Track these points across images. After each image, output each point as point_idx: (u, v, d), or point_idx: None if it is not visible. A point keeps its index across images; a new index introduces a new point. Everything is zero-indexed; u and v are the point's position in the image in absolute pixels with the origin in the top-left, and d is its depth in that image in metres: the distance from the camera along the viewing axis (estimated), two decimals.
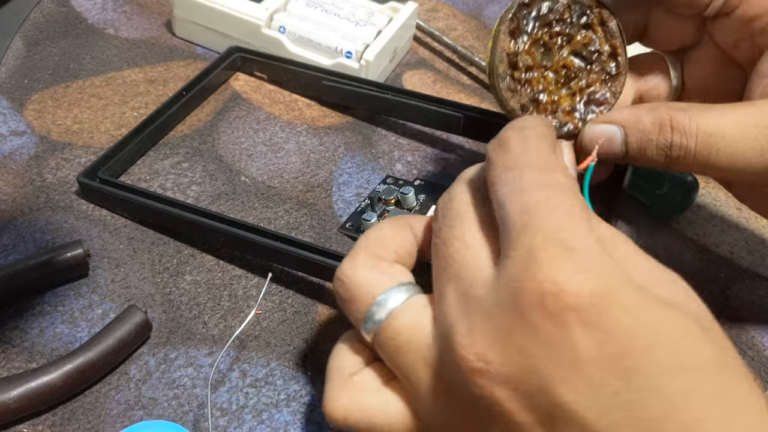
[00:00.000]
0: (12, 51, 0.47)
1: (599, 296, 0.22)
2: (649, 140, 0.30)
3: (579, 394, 0.22)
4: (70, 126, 0.43)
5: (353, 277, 0.27)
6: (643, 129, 0.30)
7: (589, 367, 0.22)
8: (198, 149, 0.43)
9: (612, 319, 0.22)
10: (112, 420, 0.30)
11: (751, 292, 0.39)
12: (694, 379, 0.22)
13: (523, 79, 0.32)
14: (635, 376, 0.21)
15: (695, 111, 0.29)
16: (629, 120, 0.30)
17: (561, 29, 0.32)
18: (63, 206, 0.38)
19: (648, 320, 0.22)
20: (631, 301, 0.22)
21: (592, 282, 0.22)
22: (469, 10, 0.57)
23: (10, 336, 0.32)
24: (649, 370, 0.21)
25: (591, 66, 0.32)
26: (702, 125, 0.29)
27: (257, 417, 0.31)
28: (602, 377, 0.21)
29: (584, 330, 0.22)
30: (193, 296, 0.35)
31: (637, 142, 0.30)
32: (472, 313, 0.23)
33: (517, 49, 0.31)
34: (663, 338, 0.22)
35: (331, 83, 0.45)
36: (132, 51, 0.49)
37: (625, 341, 0.22)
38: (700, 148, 0.29)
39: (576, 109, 0.32)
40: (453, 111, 0.42)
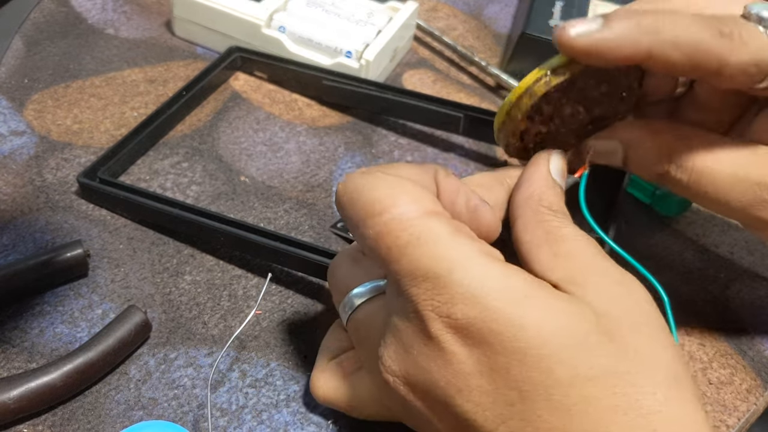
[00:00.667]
0: (12, 51, 0.47)
1: (480, 316, 0.22)
2: (647, 164, 0.30)
3: (476, 404, 0.22)
4: (70, 126, 0.43)
5: (337, 269, 0.29)
6: (643, 154, 0.30)
7: (479, 379, 0.22)
8: (198, 149, 0.43)
9: (494, 335, 0.22)
10: (112, 420, 0.30)
11: (751, 292, 0.39)
12: (594, 389, 0.22)
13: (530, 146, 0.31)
14: (527, 387, 0.22)
15: (697, 142, 0.29)
16: (632, 141, 0.30)
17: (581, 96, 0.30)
18: (63, 206, 0.38)
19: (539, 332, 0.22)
20: (519, 313, 0.22)
21: (474, 303, 0.22)
22: (469, 10, 0.57)
23: (10, 336, 0.32)
24: (540, 380, 0.22)
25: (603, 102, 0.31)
26: (698, 165, 0.29)
27: (257, 417, 0.31)
28: (493, 388, 0.22)
29: (470, 347, 0.22)
30: (193, 296, 0.35)
31: (635, 164, 0.31)
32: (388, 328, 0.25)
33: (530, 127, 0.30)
34: (557, 349, 0.22)
35: (331, 83, 0.45)
36: (132, 51, 0.49)
37: (513, 353, 0.22)
38: (691, 185, 0.29)
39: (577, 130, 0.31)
40: (453, 111, 0.42)
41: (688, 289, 0.38)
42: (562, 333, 0.22)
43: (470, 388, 0.23)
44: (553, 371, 0.22)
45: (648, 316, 0.24)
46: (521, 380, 0.22)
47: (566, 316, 0.23)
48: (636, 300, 0.24)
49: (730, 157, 0.29)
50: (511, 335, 0.22)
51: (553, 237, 0.25)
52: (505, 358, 0.22)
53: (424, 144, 0.45)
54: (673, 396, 0.22)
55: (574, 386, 0.21)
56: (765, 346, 0.36)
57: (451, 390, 0.23)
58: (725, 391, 0.34)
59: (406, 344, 0.24)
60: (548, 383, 0.22)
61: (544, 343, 0.22)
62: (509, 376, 0.22)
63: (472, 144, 0.46)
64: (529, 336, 0.22)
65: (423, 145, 0.45)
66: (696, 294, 0.38)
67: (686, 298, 0.38)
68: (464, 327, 0.22)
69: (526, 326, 0.22)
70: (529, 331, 0.22)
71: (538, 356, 0.22)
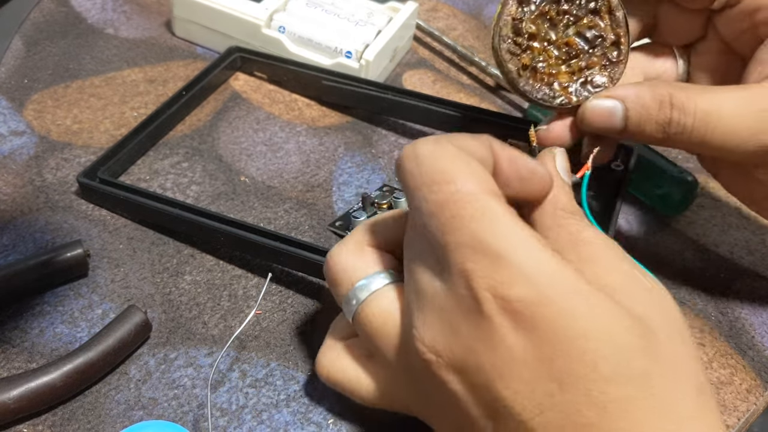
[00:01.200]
0: (12, 51, 0.47)
1: (535, 300, 0.22)
2: (648, 116, 0.31)
3: (515, 391, 0.22)
4: (69, 126, 0.43)
5: (339, 262, 0.28)
6: (644, 104, 0.31)
7: (522, 366, 0.22)
8: (198, 149, 0.43)
9: (546, 322, 0.22)
10: (112, 420, 0.30)
11: (751, 292, 0.39)
12: (632, 389, 0.22)
13: (524, 45, 0.32)
14: (568, 379, 0.22)
15: (694, 90, 0.30)
16: (630, 96, 0.31)
17: (569, 8, 0.32)
18: (63, 206, 0.38)
19: (587, 325, 0.22)
20: (569, 304, 0.22)
21: (528, 287, 0.22)
22: (469, 9, 0.57)
23: (10, 336, 0.32)
24: (583, 374, 0.22)
25: (593, 50, 0.33)
26: (700, 104, 0.30)
27: (257, 417, 0.31)
28: (535, 377, 0.22)
29: (519, 332, 0.22)
30: (193, 296, 0.35)
31: (636, 117, 0.31)
32: (425, 310, 0.24)
33: (522, 15, 0.32)
34: (602, 345, 0.22)
35: (331, 83, 0.45)
36: (132, 51, 0.49)
37: (559, 343, 0.22)
38: (697, 126, 0.30)
39: (572, 86, 0.33)
40: (453, 111, 0.42)
41: (688, 289, 0.39)
42: (608, 331, 0.22)
43: (513, 375, 0.22)
44: (596, 366, 0.22)
45: (678, 324, 0.24)
46: (564, 371, 0.22)
47: (611, 315, 0.23)
48: (667, 308, 0.24)
49: (732, 92, 0.30)
50: (560, 325, 0.22)
51: (575, 240, 0.26)
52: (551, 348, 0.22)
53: None
54: (702, 405, 0.22)
55: (614, 384, 0.22)
56: (765, 346, 0.36)
57: (494, 374, 0.23)
58: (725, 391, 0.34)
59: (454, 324, 0.23)
60: (590, 377, 0.22)
61: (591, 338, 0.22)
62: (553, 366, 0.22)
63: None
64: (577, 328, 0.22)
65: None
66: (696, 294, 0.38)
67: (686, 298, 0.38)
68: (518, 310, 0.22)
69: (576, 318, 0.22)
70: (578, 324, 0.22)
71: (584, 350, 0.22)
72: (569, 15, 0.32)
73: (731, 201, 0.44)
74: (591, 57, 0.33)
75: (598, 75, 0.33)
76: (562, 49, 0.33)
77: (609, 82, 0.33)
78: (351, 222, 0.35)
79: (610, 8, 0.33)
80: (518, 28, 0.32)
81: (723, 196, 0.44)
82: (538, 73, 0.32)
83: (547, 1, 0.32)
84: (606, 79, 0.33)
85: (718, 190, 0.44)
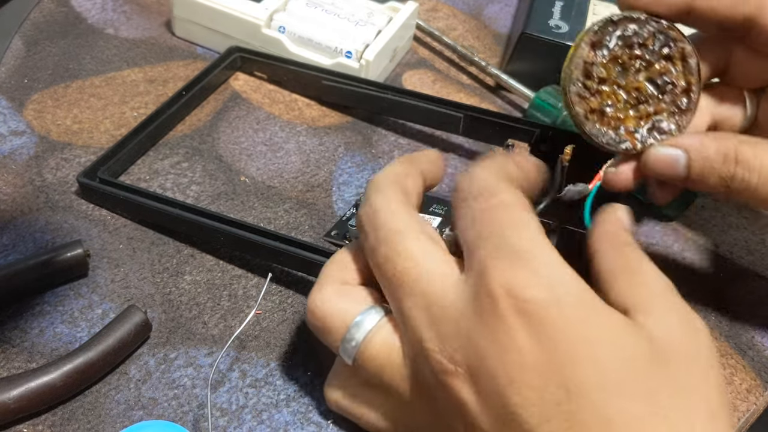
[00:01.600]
0: (12, 51, 0.47)
1: (548, 303, 0.22)
2: (711, 168, 0.30)
3: (524, 398, 0.22)
4: (69, 126, 0.43)
5: (324, 309, 0.27)
6: (707, 156, 0.30)
7: (533, 372, 0.22)
8: (198, 149, 0.43)
9: (558, 328, 0.22)
10: (112, 420, 0.30)
11: (751, 292, 0.39)
12: (638, 405, 0.22)
13: (594, 89, 0.32)
14: (576, 388, 0.22)
15: (762, 147, 0.30)
16: (694, 145, 0.31)
17: (641, 53, 0.32)
18: (63, 206, 0.38)
19: (598, 335, 0.22)
20: (582, 313, 0.23)
21: (542, 290, 0.23)
22: (469, 9, 0.57)
23: (10, 336, 0.32)
24: (590, 383, 0.22)
25: (663, 96, 0.33)
26: (767, 162, 0.29)
27: (257, 417, 0.31)
28: (544, 383, 0.22)
29: (530, 335, 0.22)
30: (193, 296, 0.35)
31: (699, 168, 0.31)
32: (438, 322, 0.24)
33: (594, 59, 0.32)
34: (612, 356, 0.22)
35: (331, 83, 0.45)
36: (132, 51, 0.49)
37: (569, 351, 0.22)
38: (762, 183, 0.30)
39: (638, 131, 0.33)
40: (453, 111, 0.42)
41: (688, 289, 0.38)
42: (619, 346, 0.22)
43: (523, 380, 0.22)
44: (603, 377, 0.22)
45: (704, 351, 0.24)
46: (571, 380, 0.22)
47: (625, 333, 0.23)
48: (696, 335, 0.24)
49: None
50: (570, 332, 0.22)
51: (631, 268, 0.26)
52: (560, 355, 0.22)
53: (424, 144, 0.45)
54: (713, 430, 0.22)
55: (621, 398, 0.22)
56: (765, 346, 0.36)
57: (505, 379, 0.23)
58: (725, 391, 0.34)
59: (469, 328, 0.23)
60: (595, 388, 0.22)
61: (599, 349, 0.22)
62: (562, 374, 0.22)
63: (471, 144, 0.46)
64: (588, 338, 0.22)
65: (423, 145, 0.45)
66: (696, 294, 0.38)
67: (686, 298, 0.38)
68: (532, 312, 0.22)
69: (587, 326, 0.22)
70: (589, 332, 0.22)
71: (591, 359, 0.22)
72: (641, 60, 0.32)
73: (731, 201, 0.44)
74: (660, 103, 0.33)
75: (665, 121, 0.33)
76: (632, 93, 0.32)
77: (676, 130, 0.33)
78: (347, 230, 0.35)
79: (683, 55, 0.32)
80: (589, 71, 0.32)
81: None
82: (605, 117, 0.32)
83: (621, 46, 0.32)
84: (674, 127, 0.33)
85: None
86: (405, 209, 0.27)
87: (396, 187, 0.28)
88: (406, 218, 0.27)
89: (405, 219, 0.27)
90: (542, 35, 0.47)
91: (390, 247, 0.26)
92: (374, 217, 0.27)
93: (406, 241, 0.26)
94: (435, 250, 0.26)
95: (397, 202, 0.27)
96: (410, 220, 0.27)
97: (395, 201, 0.27)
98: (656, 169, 0.32)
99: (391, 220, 0.27)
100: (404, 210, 0.27)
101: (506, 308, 0.23)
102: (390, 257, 0.26)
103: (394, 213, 0.27)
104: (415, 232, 0.26)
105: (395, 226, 0.26)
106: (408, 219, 0.27)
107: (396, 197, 0.27)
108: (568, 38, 0.47)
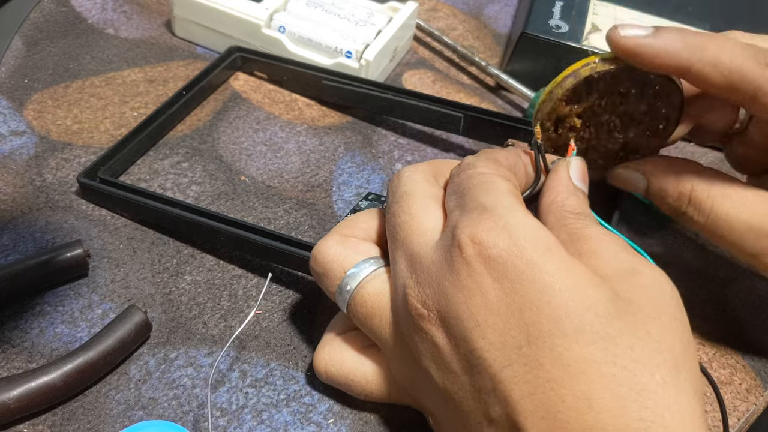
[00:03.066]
0: (12, 51, 0.47)
1: (510, 249, 0.24)
2: (664, 199, 0.32)
3: (488, 342, 0.23)
4: (70, 126, 0.43)
5: (326, 254, 0.29)
6: (664, 189, 0.32)
7: (496, 316, 0.23)
8: (198, 149, 0.43)
9: (517, 271, 0.23)
10: (112, 420, 0.30)
11: (751, 292, 0.39)
12: (595, 351, 0.22)
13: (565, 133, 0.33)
14: (535, 332, 0.23)
15: (716, 190, 0.31)
16: (656, 175, 0.32)
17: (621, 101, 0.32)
18: (63, 206, 0.38)
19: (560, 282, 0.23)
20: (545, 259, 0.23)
21: (505, 236, 0.24)
22: (469, 9, 0.57)
23: (10, 336, 0.32)
24: (548, 328, 0.22)
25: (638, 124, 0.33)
26: (716, 209, 0.31)
27: (257, 417, 0.31)
28: (506, 327, 0.23)
29: (494, 279, 0.24)
30: (193, 296, 0.35)
31: (655, 196, 0.33)
32: (417, 270, 0.26)
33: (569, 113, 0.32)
34: (569, 301, 0.23)
35: (331, 83, 0.45)
36: (132, 51, 0.49)
37: (529, 295, 0.23)
38: (707, 226, 0.31)
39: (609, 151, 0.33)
40: (453, 111, 0.42)
41: (687, 289, 0.38)
42: (576, 291, 0.23)
43: (486, 324, 0.23)
44: (561, 322, 0.22)
45: (669, 306, 0.24)
46: (531, 324, 0.23)
47: (587, 281, 0.23)
48: (660, 291, 0.25)
49: (747, 205, 0.30)
50: (529, 276, 0.23)
51: (576, 237, 0.26)
52: (520, 298, 0.23)
53: (424, 144, 0.45)
54: (670, 382, 0.22)
55: (577, 343, 0.22)
56: (765, 346, 0.36)
57: (471, 323, 0.24)
58: (725, 391, 0.34)
59: (440, 276, 0.25)
60: (554, 333, 0.22)
61: (557, 294, 0.23)
62: (522, 317, 0.23)
63: (472, 144, 0.46)
64: (545, 282, 0.23)
65: (423, 145, 0.45)
66: (695, 294, 0.38)
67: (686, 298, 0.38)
68: (492, 257, 0.24)
69: (544, 272, 0.23)
70: (548, 278, 0.23)
71: (550, 304, 0.23)
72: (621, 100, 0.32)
73: None
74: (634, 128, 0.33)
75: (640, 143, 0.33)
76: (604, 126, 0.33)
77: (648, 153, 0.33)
78: None
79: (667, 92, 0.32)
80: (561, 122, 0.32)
81: None
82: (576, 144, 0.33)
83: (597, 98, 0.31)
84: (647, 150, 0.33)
85: None
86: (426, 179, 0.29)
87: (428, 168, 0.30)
88: (423, 185, 0.29)
89: (421, 185, 0.29)
90: (542, 35, 0.47)
91: (399, 205, 0.28)
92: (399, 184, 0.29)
93: (412, 200, 0.28)
94: (435, 210, 0.28)
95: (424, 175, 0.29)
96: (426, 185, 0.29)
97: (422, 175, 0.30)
98: (620, 185, 0.34)
99: (411, 186, 0.29)
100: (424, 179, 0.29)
101: (471, 254, 0.24)
102: (396, 212, 0.28)
103: (415, 181, 0.29)
104: (424, 196, 0.28)
105: (410, 189, 0.29)
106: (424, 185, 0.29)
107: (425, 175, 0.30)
108: (568, 38, 0.47)
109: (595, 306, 0.23)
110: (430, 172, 0.30)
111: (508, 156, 0.30)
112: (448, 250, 0.25)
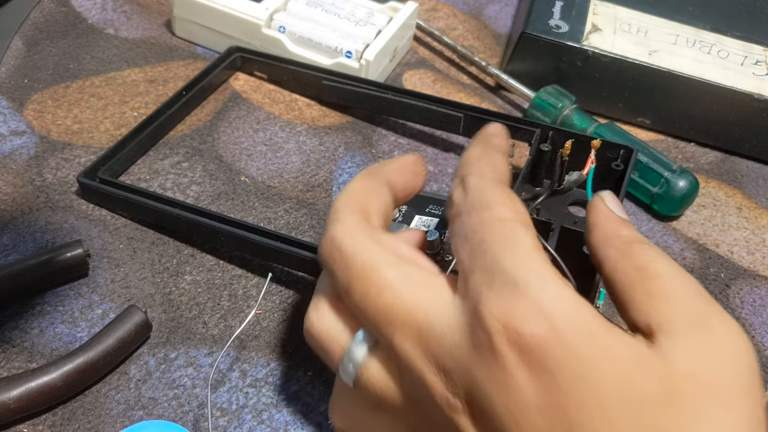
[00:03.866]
0: (12, 51, 0.47)
1: (548, 338, 0.21)
2: None
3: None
4: (70, 126, 0.43)
5: (320, 328, 0.26)
6: None
7: (537, 414, 0.21)
8: (198, 149, 0.43)
9: (560, 366, 0.20)
10: (112, 420, 0.30)
11: (751, 292, 0.39)
12: None
13: None
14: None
15: None
16: None
17: None
18: (63, 206, 0.38)
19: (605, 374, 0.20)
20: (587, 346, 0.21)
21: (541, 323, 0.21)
22: (469, 9, 0.57)
23: (10, 336, 0.32)
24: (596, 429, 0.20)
25: None
26: None
27: (257, 417, 0.31)
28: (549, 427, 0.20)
29: (532, 373, 0.21)
30: (193, 296, 0.35)
31: None
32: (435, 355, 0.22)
33: None
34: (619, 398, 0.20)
35: (331, 83, 0.45)
36: (132, 51, 0.49)
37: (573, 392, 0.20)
38: None
39: None
40: (453, 111, 0.42)
41: None
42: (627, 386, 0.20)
43: (528, 424, 0.21)
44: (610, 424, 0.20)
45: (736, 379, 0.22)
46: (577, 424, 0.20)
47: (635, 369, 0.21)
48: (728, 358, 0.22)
49: None
50: (573, 371, 0.20)
51: (645, 273, 0.23)
52: (564, 396, 0.20)
53: (424, 144, 0.45)
54: None
55: None
56: (765, 346, 0.36)
57: (508, 421, 0.21)
58: None
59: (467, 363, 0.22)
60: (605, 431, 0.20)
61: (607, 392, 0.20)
62: (567, 417, 0.20)
63: None
64: (594, 378, 0.20)
65: (423, 145, 0.45)
66: None
67: None
68: (530, 347, 0.21)
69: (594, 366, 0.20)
70: (596, 373, 0.20)
71: (599, 404, 0.20)
72: None
73: (731, 201, 0.44)
74: None
75: None
76: None
77: None
78: None
79: None
80: None
81: (723, 195, 0.44)
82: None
83: None
84: None
85: (718, 190, 0.44)
86: (369, 234, 0.25)
87: (355, 210, 0.26)
88: (373, 245, 0.24)
89: (372, 246, 0.24)
90: (542, 35, 0.47)
91: (365, 283, 0.24)
92: (339, 252, 0.25)
93: (381, 271, 0.23)
94: (416, 273, 0.24)
95: (359, 228, 0.25)
96: (378, 246, 0.24)
97: (356, 227, 0.25)
98: None
99: (359, 251, 0.24)
100: (368, 235, 0.25)
101: (503, 344, 0.21)
102: (368, 293, 0.23)
103: (358, 243, 0.24)
104: (388, 259, 0.24)
105: (363, 257, 0.24)
106: (375, 246, 0.24)
107: (356, 223, 0.25)
108: (568, 38, 0.47)
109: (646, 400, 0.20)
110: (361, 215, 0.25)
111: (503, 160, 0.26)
112: (473, 332, 0.21)
